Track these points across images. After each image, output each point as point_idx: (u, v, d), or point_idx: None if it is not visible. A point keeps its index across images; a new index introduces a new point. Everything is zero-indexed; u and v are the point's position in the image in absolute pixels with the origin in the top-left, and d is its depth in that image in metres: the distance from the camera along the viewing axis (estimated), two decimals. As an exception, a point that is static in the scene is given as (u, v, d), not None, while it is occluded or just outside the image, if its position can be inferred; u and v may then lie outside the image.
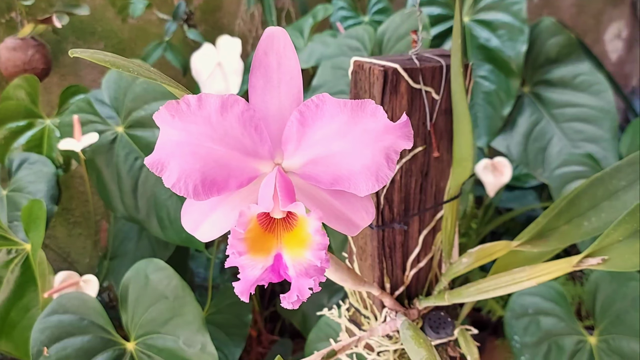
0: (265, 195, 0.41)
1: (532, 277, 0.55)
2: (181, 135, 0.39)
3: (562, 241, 0.55)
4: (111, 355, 0.82)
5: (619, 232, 0.49)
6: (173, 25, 1.42)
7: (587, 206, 0.55)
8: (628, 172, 0.54)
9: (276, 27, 0.42)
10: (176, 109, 0.38)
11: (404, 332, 0.55)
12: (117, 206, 1.01)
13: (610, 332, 0.93)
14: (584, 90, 1.22)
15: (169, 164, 0.39)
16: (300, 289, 0.40)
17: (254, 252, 0.41)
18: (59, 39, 1.50)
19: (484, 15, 1.24)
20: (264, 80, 0.43)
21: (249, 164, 0.42)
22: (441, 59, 0.55)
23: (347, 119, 0.40)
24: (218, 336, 1.12)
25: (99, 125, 1.03)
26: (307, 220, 0.40)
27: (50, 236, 1.62)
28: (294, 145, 0.42)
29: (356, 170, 0.42)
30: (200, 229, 0.46)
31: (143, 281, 0.83)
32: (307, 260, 0.41)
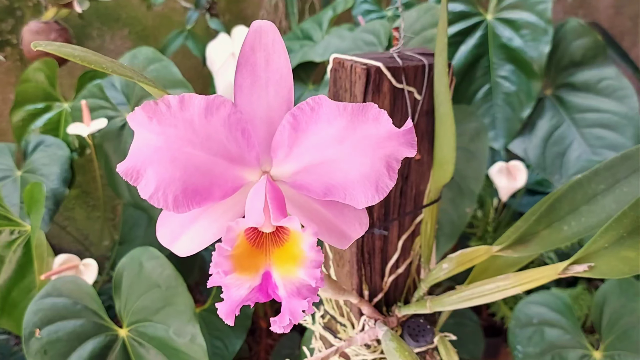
0: (255, 208, 0.37)
1: (517, 284, 0.53)
2: (159, 140, 0.35)
3: (542, 246, 0.54)
4: (103, 341, 0.82)
5: (605, 239, 0.48)
6: (195, 14, 1.43)
7: (567, 210, 0.54)
8: (606, 176, 0.53)
9: (264, 21, 0.39)
10: (154, 111, 0.35)
11: (387, 343, 0.54)
12: (123, 192, 1.02)
13: (616, 347, 0.89)
14: (608, 96, 1.17)
15: (145, 172, 0.35)
16: (292, 311, 0.37)
17: (241, 271, 0.37)
18: (84, 24, 1.52)
19: (508, 13, 1.20)
20: (250, 80, 0.40)
21: (234, 172, 0.39)
22: (423, 58, 0.53)
23: (346, 124, 0.37)
24: (220, 326, 1.12)
25: (109, 111, 1.04)
26: (301, 235, 0.37)
27: (69, 218, 1.65)
28: (285, 151, 0.39)
29: (353, 180, 0.38)
30: (178, 243, 0.42)
31: (137, 269, 0.84)
32: (299, 279, 0.37)
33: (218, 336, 1.10)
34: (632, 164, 0.52)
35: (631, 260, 0.47)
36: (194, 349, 0.80)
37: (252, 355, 1.57)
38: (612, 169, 0.53)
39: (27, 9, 1.44)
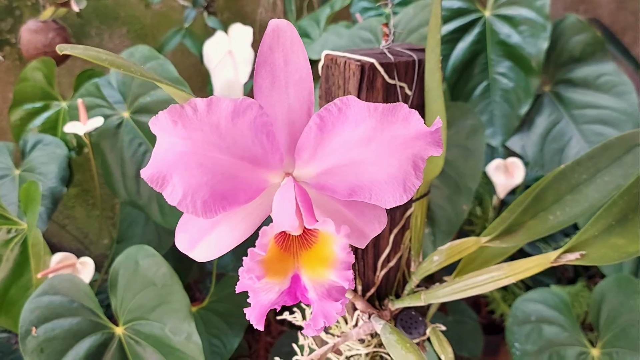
0: (286, 212, 0.37)
1: (510, 274, 0.54)
2: (185, 145, 0.35)
3: (529, 236, 0.54)
4: (99, 339, 0.82)
5: (595, 228, 0.50)
6: (192, 12, 1.43)
7: (552, 200, 0.54)
8: (588, 165, 0.54)
9: (281, 20, 0.39)
10: (180, 115, 0.34)
11: (387, 337, 0.53)
12: (119, 190, 1.02)
13: (614, 345, 0.89)
14: (607, 92, 1.16)
15: (172, 178, 0.35)
16: (325, 314, 0.37)
17: (271, 275, 0.37)
18: (83, 22, 1.52)
19: (506, 10, 1.20)
20: (270, 80, 0.39)
21: (258, 175, 0.38)
22: (413, 53, 0.53)
23: (374, 125, 0.37)
24: (218, 324, 1.13)
25: (106, 110, 1.04)
26: (334, 237, 0.36)
27: (69, 217, 1.66)
28: (310, 153, 0.38)
29: (381, 180, 0.38)
30: (197, 249, 0.41)
31: (133, 267, 0.84)
32: (329, 282, 0.37)
33: (216, 334, 1.10)
34: (611, 153, 0.53)
35: (620, 247, 0.49)
36: (190, 347, 0.80)
37: (252, 353, 1.57)
38: (594, 159, 0.54)
39: (26, 8, 1.44)
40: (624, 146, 0.54)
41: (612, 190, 0.53)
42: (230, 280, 1.20)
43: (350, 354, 0.63)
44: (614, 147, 0.54)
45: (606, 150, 0.54)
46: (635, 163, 0.53)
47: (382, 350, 0.64)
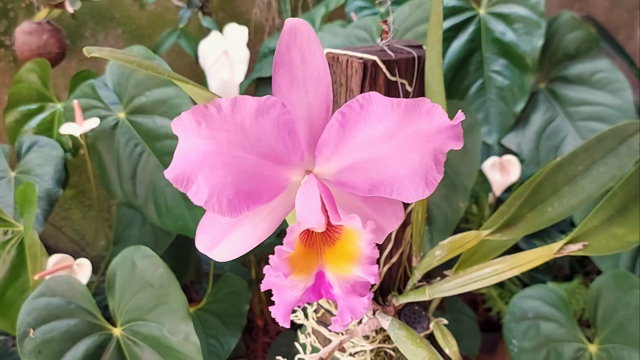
0: (312, 209, 0.37)
1: (514, 266, 0.55)
2: (209, 145, 0.35)
3: (528, 228, 0.55)
4: (97, 340, 0.82)
5: (596, 219, 0.51)
6: (187, 12, 1.42)
7: (549, 193, 0.55)
8: (584, 157, 0.55)
9: (297, 19, 0.39)
10: (204, 115, 0.34)
11: (395, 332, 0.53)
12: (116, 191, 1.02)
13: (611, 341, 0.89)
14: (602, 88, 1.17)
15: (196, 179, 0.35)
16: (352, 309, 0.37)
17: (297, 272, 0.37)
18: (78, 24, 1.52)
19: (501, 8, 1.20)
20: (289, 78, 0.39)
21: (280, 173, 0.38)
22: (412, 50, 0.53)
23: (397, 120, 0.37)
24: (215, 325, 1.12)
25: (102, 111, 1.03)
26: (359, 233, 0.36)
27: (65, 218, 1.65)
28: (331, 149, 0.38)
29: (403, 175, 0.38)
30: (219, 248, 0.41)
31: (130, 268, 0.83)
32: (354, 277, 0.37)
33: (213, 335, 1.10)
34: (606, 145, 0.55)
35: (620, 237, 0.50)
36: (188, 347, 0.80)
37: (250, 353, 1.58)
38: (589, 150, 0.55)
39: (20, 10, 1.43)
40: (617, 137, 0.55)
41: (608, 181, 0.54)
42: (227, 281, 1.19)
43: (354, 350, 0.63)
44: (608, 139, 0.55)
45: (601, 142, 0.55)
46: (629, 154, 0.54)
47: (387, 346, 0.64)
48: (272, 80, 0.40)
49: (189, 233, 0.98)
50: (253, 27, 1.64)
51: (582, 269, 1.62)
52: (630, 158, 0.53)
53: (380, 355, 0.65)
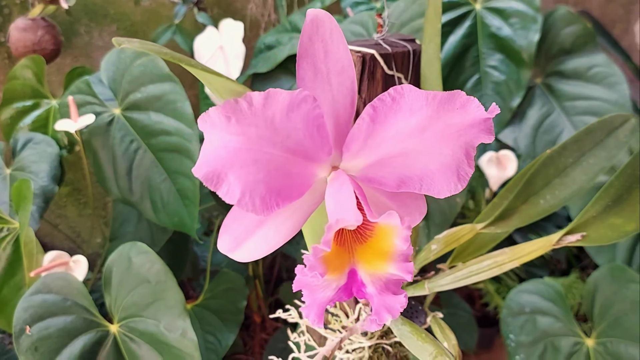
0: (348, 206, 0.36)
1: (514, 258, 0.55)
2: (240, 141, 0.33)
3: (522, 220, 0.56)
4: (94, 337, 0.82)
5: (594, 209, 0.52)
6: (182, 8, 1.42)
7: (541, 185, 0.56)
8: (574, 149, 0.56)
9: (319, 10, 0.38)
10: (234, 110, 0.33)
11: (399, 328, 0.53)
12: (112, 188, 1.01)
13: (608, 335, 0.89)
14: (598, 83, 1.17)
15: (227, 177, 0.34)
16: (389, 308, 0.36)
17: (331, 271, 0.36)
18: (72, 20, 1.51)
19: (497, 2, 1.20)
20: (312, 72, 0.38)
21: (308, 169, 0.37)
22: (407, 44, 0.53)
23: (430, 113, 0.36)
24: (212, 321, 1.12)
25: (97, 107, 1.03)
26: (397, 229, 0.35)
27: (61, 216, 1.65)
28: (359, 144, 0.37)
29: (434, 170, 0.37)
30: (242, 249, 0.40)
31: (126, 264, 0.83)
32: (388, 274, 0.37)
33: (210, 331, 1.10)
34: (594, 137, 0.56)
35: (618, 227, 0.51)
36: (185, 343, 0.80)
37: (247, 349, 1.57)
38: (578, 142, 0.56)
39: (15, 6, 1.43)
40: (605, 130, 0.56)
41: (598, 172, 0.55)
42: (224, 277, 1.19)
43: (352, 347, 0.63)
44: (596, 131, 0.56)
45: (589, 133, 0.56)
46: (616, 145, 0.55)
47: (385, 342, 0.64)
48: (297, 74, 0.38)
49: (185, 229, 0.98)
50: (249, 22, 1.63)
51: (579, 264, 1.62)
52: (618, 149, 0.54)
53: (377, 351, 0.65)
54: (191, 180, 0.95)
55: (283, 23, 1.36)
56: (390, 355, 0.64)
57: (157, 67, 0.98)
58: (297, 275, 0.36)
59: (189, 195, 0.95)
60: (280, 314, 0.68)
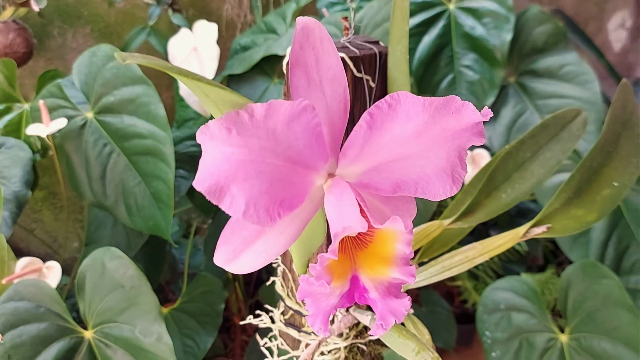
0: (352, 213, 0.36)
1: (484, 252, 0.57)
2: (242, 153, 0.33)
3: (487, 214, 0.57)
4: (68, 343, 0.81)
5: (558, 201, 0.54)
6: (157, 9, 1.41)
7: (502, 179, 0.58)
8: (530, 143, 0.58)
9: (309, 18, 0.38)
10: (235, 121, 0.33)
11: None
12: (85, 192, 1.00)
13: (581, 330, 0.91)
14: (570, 81, 1.18)
15: (229, 189, 0.33)
16: (394, 312, 0.37)
17: (335, 279, 0.37)
18: (45, 22, 1.49)
19: (470, 2, 1.21)
20: (305, 80, 0.39)
21: (307, 178, 0.37)
22: (373, 46, 0.53)
23: (427, 119, 0.36)
24: (190, 325, 1.12)
25: (69, 111, 1.02)
26: (400, 234, 0.36)
27: (37, 221, 1.63)
28: (356, 151, 0.38)
29: (430, 174, 0.37)
30: (240, 259, 0.40)
31: (100, 269, 0.82)
32: (389, 279, 0.37)
33: (189, 335, 1.10)
34: (549, 131, 0.58)
35: (580, 217, 0.53)
36: (161, 348, 0.79)
37: (228, 352, 1.57)
38: (535, 137, 0.58)
39: (-16, 9, 1.40)
40: (559, 124, 0.58)
41: (555, 165, 0.57)
42: (201, 280, 1.19)
43: (327, 349, 0.63)
44: (551, 126, 0.58)
45: (545, 128, 0.58)
46: (570, 138, 0.57)
47: (359, 341, 0.64)
48: (290, 82, 0.39)
49: (161, 233, 0.97)
50: (224, 23, 1.62)
51: (555, 260, 1.64)
52: (572, 143, 0.56)
53: (353, 350, 0.65)
54: (165, 183, 0.94)
55: (259, 24, 1.36)
56: (365, 354, 0.65)
57: (130, 70, 0.97)
58: (301, 284, 0.36)
59: (163, 198, 0.95)
60: (251, 320, 0.68)
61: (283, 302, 0.67)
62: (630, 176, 0.55)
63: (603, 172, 0.56)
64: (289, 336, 0.66)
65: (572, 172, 0.53)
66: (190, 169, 1.18)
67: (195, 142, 1.25)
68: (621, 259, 1.06)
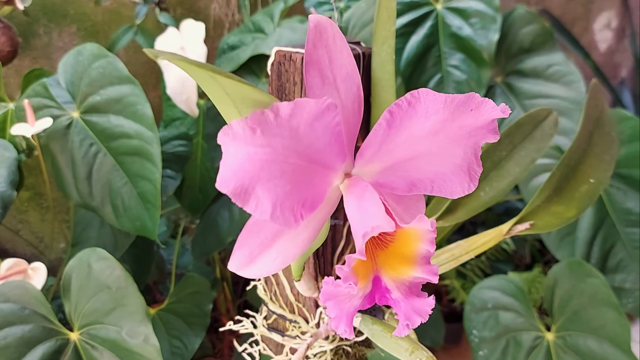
0: (378, 213, 0.36)
1: (469, 250, 0.58)
2: (266, 153, 0.32)
3: (467, 213, 0.58)
4: (54, 345, 0.80)
5: (539, 199, 0.55)
6: (144, 8, 1.40)
7: (480, 178, 0.58)
8: (506, 142, 0.59)
9: (321, 16, 0.38)
10: (260, 121, 0.32)
11: (370, 328, 0.53)
12: (71, 193, 1.00)
13: (567, 328, 0.91)
14: (557, 81, 1.19)
15: (254, 191, 0.32)
16: (419, 311, 0.37)
17: (359, 280, 0.36)
18: (30, 21, 1.48)
19: (457, 2, 1.21)
20: (320, 79, 0.38)
21: (326, 178, 0.37)
22: (355, 46, 0.53)
23: (446, 117, 0.36)
24: (178, 325, 1.11)
25: (55, 110, 1.01)
26: (424, 233, 0.36)
27: (23, 221, 1.61)
28: (374, 150, 0.37)
29: (446, 171, 0.37)
30: (257, 263, 0.39)
31: (86, 270, 0.82)
32: (412, 278, 0.37)
33: (176, 336, 1.09)
34: (523, 130, 0.59)
35: (560, 214, 0.54)
36: (148, 349, 0.79)
37: (216, 352, 1.56)
38: (510, 136, 0.59)
39: (-31, 7, 1.39)
40: (532, 123, 0.59)
41: (530, 163, 0.58)
42: (189, 281, 1.18)
43: (313, 352, 0.63)
44: (525, 125, 0.59)
45: (519, 127, 0.59)
46: (543, 137, 0.58)
47: (345, 343, 0.64)
48: (305, 81, 0.38)
49: (148, 233, 0.96)
50: (212, 23, 1.62)
51: (542, 259, 1.66)
52: (545, 141, 0.57)
53: (338, 353, 0.65)
54: (152, 183, 0.94)
55: (246, 23, 1.35)
56: (350, 356, 0.65)
57: (117, 69, 0.96)
58: (325, 287, 0.36)
59: (150, 199, 0.94)
60: (231, 326, 0.68)
61: (266, 307, 0.66)
62: (605, 172, 0.57)
63: (580, 169, 0.57)
64: (272, 341, 0.66)
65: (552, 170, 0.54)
66: (178, 169, 1.17)
67: (182, 142, 1.24)
68: (607, 257, 1.07)
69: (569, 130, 1.15)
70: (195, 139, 1.32)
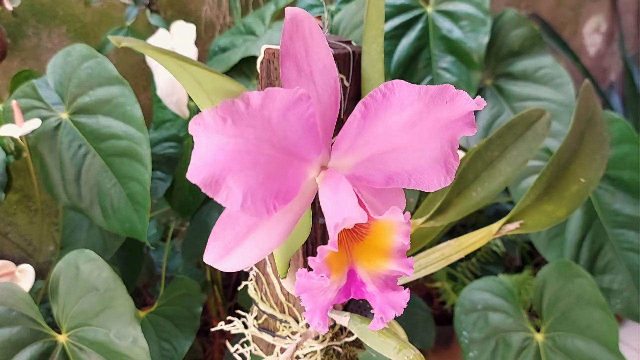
0: (351, 205, 0.35)
1: (459, 249, 0.58)
2: (238, 143, 0.32)
3: (458, 213, 0.59)
4: (41, 347, 0.80)
5: (529, 198, 0.55)
6: (134, 10, 1.39)
7: (472, 179, 0.60)
8: (498, 143, 0.60)
9: (297, 9, 0.37)
10: (230, 111, 0.32)
11: (358, 327, 0.53)
12: (60, 194, 0.99)
13: (556, 329, 0.92)
14: (546, 84, 1.20)
15: (225, 181, 0.32)
16: (394, 304, 0.36)
17: (333, 272, 0.36)
18: (19, 22, 1.47)
19: (448, 5, 1.22)
20: (296, 71, 0.38)
21: (301, 170, 0.36)
22: (346, 45, 0.53)
23: (421, 108, 0.35)
24: (167, 328, 1.10)
25: (43, 111, 1.00)
26: (398, 225, 0.35)
27: (11, 224, 1.60)
28: (349, 143, 0.37)
29: (423, 164, 0.37)
30: (232, 256, 0.39)
31: (74, 272, 0.81)
32: (387, 271, 0.36)
33: (166, 338, 1.08)
34: (515, 131, 0.60)
35: (550, 213, 0.55)
36: (136, 351, 0.78)
37: (207, 355, 1.56)
38: (502, 137, 0.60)
39: (-43, 8, 1.38)
40: (524, 124, 0.60)
41: (522, 164, 0.58)
42: (179, 283, 1.17)
43: (303, 352, 0.63)
44: (517, 125, 0.60)
45: (511, 128, 0.60)
46: (534, 138, 0.59)
47: (335, 343, 0.64)
48: (281, 74, 0.38)
49: (137, 235, 0.96)
50: (203, 24, 1.62)
51: (532, 261, 1.66)
52: (537, 142, 0.57)
53: (328, 353, 0.65)
54: (142, 185, 0.93)
55: (237, 25, 1.35)
56: (340, 356, 0.65)
57: (106, 70, 0.96)
58: (299, 279, 0.35)
59: (139, 200, 0.93)
60: (222, 326, 0.67)
61: (257, 307, 0.66)
62: (596, 172, 0.57)
63: (570, 169, 0.58)
64: (262, 341, 0.65)
65: (542, 169, 0.54)
66: (168, 171, 1.17)
67: (173, 144, 1.24)
68: (595, 258, 1.08)
69: (559, 133, 1.15)
70: (185, 141, 1.32)
